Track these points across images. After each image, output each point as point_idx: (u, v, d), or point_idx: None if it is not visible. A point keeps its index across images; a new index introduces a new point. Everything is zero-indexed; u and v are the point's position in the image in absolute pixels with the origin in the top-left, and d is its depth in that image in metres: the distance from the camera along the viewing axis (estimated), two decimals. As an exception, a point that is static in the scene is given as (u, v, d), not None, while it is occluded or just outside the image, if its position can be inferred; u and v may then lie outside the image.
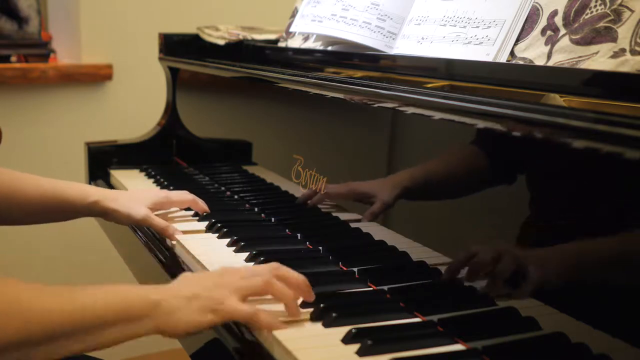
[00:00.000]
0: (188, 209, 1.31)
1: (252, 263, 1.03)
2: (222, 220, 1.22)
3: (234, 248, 1.11)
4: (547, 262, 0.77)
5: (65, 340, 0.76)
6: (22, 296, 0.76)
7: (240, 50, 1.65)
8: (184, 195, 1.28)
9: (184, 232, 1.19)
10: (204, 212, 1.28)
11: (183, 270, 1.07)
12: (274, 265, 0.87)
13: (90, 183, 1.77)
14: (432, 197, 0.98)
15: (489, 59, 1.02)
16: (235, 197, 1.44)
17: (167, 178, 1.57)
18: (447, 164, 0.95)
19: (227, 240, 1.14)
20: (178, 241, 1.15)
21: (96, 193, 1.21)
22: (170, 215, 1.29)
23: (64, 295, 0.78)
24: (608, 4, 0.89)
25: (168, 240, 1.20)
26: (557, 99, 0.83)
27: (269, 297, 0.86)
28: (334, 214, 1.15)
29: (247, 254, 1.06)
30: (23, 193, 1.16)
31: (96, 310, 0.78)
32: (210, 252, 1.09)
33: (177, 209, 1.31)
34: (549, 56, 0.95)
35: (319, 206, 1.19)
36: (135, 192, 1.28)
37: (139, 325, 0.79)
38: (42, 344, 0.75)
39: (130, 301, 0.80)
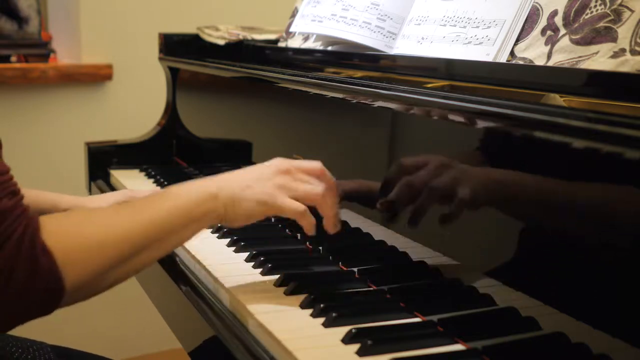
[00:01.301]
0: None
1: (252, 263, 1.03)
2: (222, 220, 1.22)
3: (234, 248, 1.11)
4: (546, 261, 0.77)
5: (151, 249, 0.85)
6: (109, 222, 0.83)
7: (240, 50, 1.65)
8: (150, 192, 1.31)
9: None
10: None
11: (183, 270, 1.07)
12: (328, 185, 0.96)
13: (90, 183, 1.77)
14: (434, 200, 0.98)
15: (489, 59, 1.02)
16: (235, 197, 1.44)
17: (167, 178, 1.57)
18: (447, 167, 0.95)
19: (227, 240, 1.14)
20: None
21: (66, 201, 1.24)
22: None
23: (141, 210, 0.86)
24: (608, 4, 0.89)
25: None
26: (557, 99, 0.83)
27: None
28: (334, 214, 1.15)
29: (247, 254, 1.06)
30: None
31: (171, 217, 0.86)
32: (210, 252, 1.09)
33: None
34: (549, 56, 0.95)
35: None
36: (101, 196, 1.32)
37: (207, 218, 0.90)
38: (132, 258, 0.83)
39: (196, 200, 0.89)
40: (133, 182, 1.60)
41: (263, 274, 0.99)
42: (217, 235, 1.18)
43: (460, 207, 0.87)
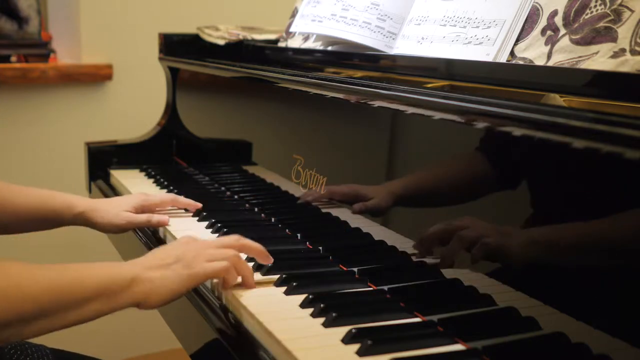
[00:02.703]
0: (187, 210, 1.32)
1: (252, 263, 1.03)
2: (222, 221, 1.22)
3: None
4: (547, 262, 0.77)
5: (53, 316, 0.81)
6: (14, 276, 0.80)
7: (240, 50, 1.65)
8: (163, 196, 1.32)
9: (185, 234, 1.19)
10: (189, 207, 1.31)
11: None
12: (235, 237, 0.98)
13: (90, 183, 1.77)
14: (434, 202, 0.98)
15: (489, 59, 1.02)
16: (235, 197, 1.44)
17: (167, 178, 1.57)
18: (446, 165, 0.95)
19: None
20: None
21: (81, 204, 1.23)
22: (169, 216, 1.29)
23: (52, 274, 0.83)
24: (608, 4, 0.89)
25: (166, 239, 1.21)
26: (557, 99, 0.83)
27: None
28: (334, 214, 1.15)
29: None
30: (11, 203, 1.19)
31: (79, 288, 0.83)
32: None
33: (174, 208, 1.32)
34: (549, 56, 0.95)
35: (319, 206, 1.19)
36: (116, 200, 1.30)
37: (118, 299, 0.86)
38: (33, 320, 0.80)
39: (109, 278, 0.86)
40: (133, 182, 1.60)
41: (263, 274, 0.99)
42: (217, 235, 1.18)
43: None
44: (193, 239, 0.96)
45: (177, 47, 1.82)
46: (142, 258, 0.92)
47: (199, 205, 1.31)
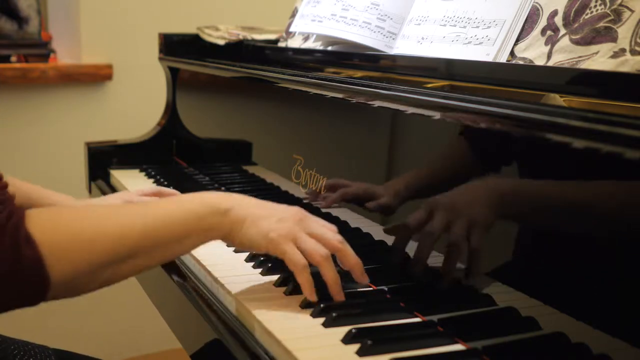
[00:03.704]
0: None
1: (252, 263, 1.03)
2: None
3: (233, 248, 1.10)
4: (547, 262, 0.77)
5: (148, 254, 0.83)
6: (106, 220, 0.81)
7: (240, 50, 1.65)
8: (147, 187, 1.31)
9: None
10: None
11: (182, 270, 1.07)
12: (337, 240, 0.90)
13: (90, 183, 1.77)
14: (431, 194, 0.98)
15: (489, 59, 1.02)
16: (235, 197, 1.44)
17: (167, 178, 1.57)
18: (445, 165, 0.95)
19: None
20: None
21: (66, 201, 1.22)
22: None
23: (141, 212, 0.84)
24: (608, 4, 0.89)
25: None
26: (557, 99, 0.83)
27: None
28: (334, 214, 1.15)
29: (247, 253, 1.06)
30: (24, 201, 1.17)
31: (174, 225, 0.85)
32: (210, 252, 1.09)
33: None
34: (549, 56, 0.95)
35: (319, 206, 1.19)
36: (104, 199, 1.29)
37: (210, 233, 0.88)
38: (126, 260, 0.81)
39: (203, 213, 0.86)
40: (133, 182, 1.60)
41: (263, 274, 0.99)
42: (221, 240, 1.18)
43: (465, 222, 0.87)
44: (304, 214, 0.92)
45: (177, 47, 1.82)
46: (248, 198, 0.92)
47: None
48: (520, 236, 0.81)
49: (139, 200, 1.22)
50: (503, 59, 1.01)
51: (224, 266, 1.02)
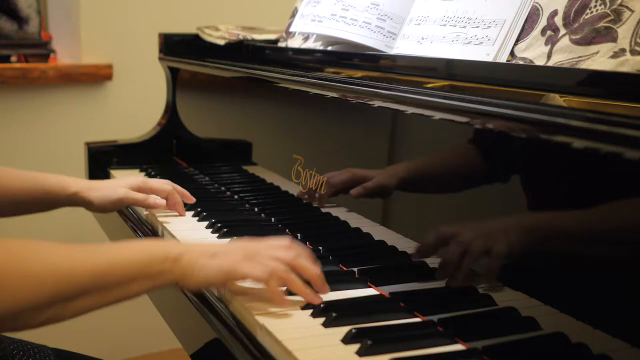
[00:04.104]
0: (188, 209, 1.32)
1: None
2: (222, 220, 1.22)
3: (234, 248, 1.10)
4: (547, 262, 0.77)
5: (94, 295, 0.82)
6: (57, 257, 0.80)
7: (240, 50, 1.65)
8: (164, 185, 1.30)
9: (184, 234, 1.19)
10: (184, 196, 1.31)
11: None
12: (293, 252, 0.90)
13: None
14: (430, 193, 0.98)
15: (489, 59, 1.02)
16: (235, 197, 1.44)
17: (167, 178, 1.57)
18: (447, 163, 0.95)
19: (227, 240, 1.14)
20: (178, 241, 1.15)
21: (75, 184, 1.22)
22: (168, 215, 1.29)
23: (92, 253, 0.83)
24: (608, 4, 0.89)
25: (165, 238, 1.21)
26: (557, 99, 0.83)
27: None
28: (334, 214, 1.15)
29: (247, 254, 1.06)
30: (5, 186, 1.18)
31: (123, 266, 0.83)
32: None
33: (172, 210, 1.32)
34: (549, 56, 0.95)
35: (319, 206, 1.19)
36: (114, 181, 1.29)
37: (159, 279, 0.86)
38: (72, 300, 0.80)
39: (152, 258, 0.85)
40: (133, 182, 1.60)
41: (263, 274, 0.99)
42: (217, 235, 1.18)
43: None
44: (252, 243, 0.92)
45: (177, 47, 1.82)
46: (197, 243, 0.92)
47: (193, 199, 1.32)
48: (520, 236, 0.81)
49: (130, 195, 1.23)
50: (503, 59, 1.01)
51: (224, 266, 1.02)
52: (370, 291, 0.94)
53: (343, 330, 0.79)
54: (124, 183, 1.25)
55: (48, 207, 1.24)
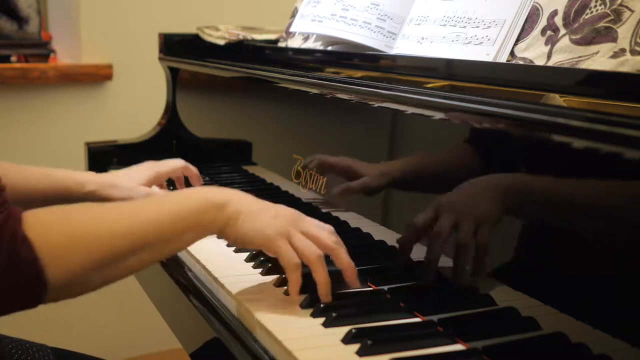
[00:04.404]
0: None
1: (252, 263, 1.03)
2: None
3: (234, 248, 1.10)
4: (546, 262, 0.77)
5: (144, 253, 0.82)
6: (108, 217, 0.81)
7: (240, 50, 1.65)
8: (175, 163, 1.32)
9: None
10: (195, 177, 1.34)
11: (183, 270, 1.07)
12: (334, 243, 0.90)
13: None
14: (429, 193, 0.98)
15: (489, 59, 1.02)
16: (235, 197, 1.44)
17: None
18: (446, 163, 0.95)
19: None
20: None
21: (92, 181, 1.22)
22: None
23: (144, 209, 0.84)
24: (608, 4, 0.89)
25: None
26: (557, 99, 0.83)
27: None
28: (334, 214, 1.15)
29: (247, 254, 1.06)
30: (19, 183, 1.17)
31: (173, 222, 0.84)
32: (210, 252, 1.09)
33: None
34: (549, 56, 0.95)
35: (319, 206, 1.19)
36: (128, 175, 1.28)
37: (209, 227, 0.87)
38: (126, 258, 0.80)
39: (202, 207, 0.86)
40: (133, 182, 1.60)
41: (263, 274, 0.99)
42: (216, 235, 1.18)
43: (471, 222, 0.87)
44: (299, 214, 0.92)
45: (177, 47, 1.82)
46: (243, 193, 0.92)
47: (201, 182, 1.35)
48: (520, 236, 0.81)
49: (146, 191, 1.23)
50: (503, 59, 1.01)
51: (224, 266, 1.02)
52: (370, 291, 0.94)
53: (343, 330, 0.79)
54: (140, 180, 1.25)
55: (64, 203, 1.23)
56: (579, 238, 0.74)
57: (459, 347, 0.77)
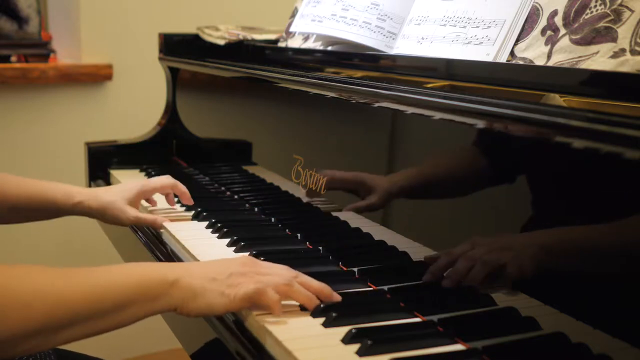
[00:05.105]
0: (187, 209, 1.32)
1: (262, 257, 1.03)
2: (222, 220, 1.22)
3: (234, 248, 1.11)
4: (547, 262, 0.77)
5: (87, 322, 0.78)
6: (45, 282, 0.77)
7: (240, 50, 1.65)
8: (164, 180, 1.31)
9: (185, 234, 1.19)
10: (183, 197, 1.31)
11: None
12: (294, 273, 0.88)
13: (90, 183, 1.77)
14: (432, 197, 0.98)
15: (489, 59, 1.02)
16: (235, 197, 1.44)
17: (167, 177, 1.57)
18: (448, 166, 0.95)
19: (227, 240, 1.14)
20: (178, 241, 1.15)
21: (80, 194, 1.23)
22: (169, 214, 1.29)
23: (84, 278, 0.80)
24: (608, 4, 0.89)
25: (165, 238, 1.21)
26: (557, 99, 0.83)
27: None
28: (334, 214, 1.15)
29: (247, 254, 1.06)
30: (6, 193, 1.18)
31: (116, 292, 0.80)
32: (211, 252, 1.09)
33: (172, 207, 1.33)
34: (549, 56, 0.95)
35: (319, 206, 1.19)
36: (118, 190, 1.28)
37: (156, 303, 0.82)
38: (64, 328, 0.77)
39: (148, 281, 0.82)
40: (133, 182, 1.60)
41: (263, 274, 0.99)
42: (217, 235, 1.18)
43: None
44: (251, 259, 0.90)
45: (177, 47, 1.82)
46: (190, 263, 0.89)
47: (191, 201, 1.32)
48: (519, 236, 0.81)
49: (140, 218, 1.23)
50: (503, 59, 1.01)
51: (224, 266, 1.02)
52: (370, 291, 0.94)
53: (343, 330, 0.79)
54: (128, 195, 1.25)
55: (50, 215, 1.24)
56: (579, 238, 0.74)
57: (459, 347, 0.78)
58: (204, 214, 1.28)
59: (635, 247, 0.67)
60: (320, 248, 1.09)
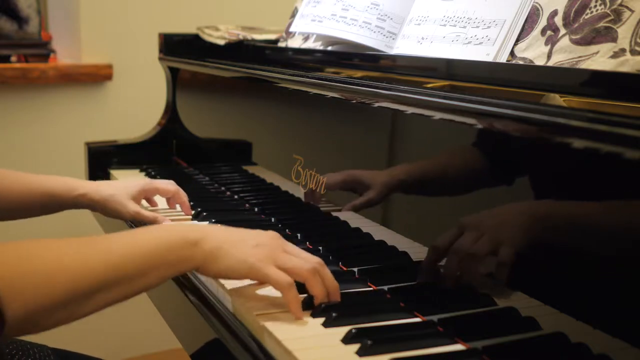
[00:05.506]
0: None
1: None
2: (221, 221, 1.22)
3: (234, 248, 1.10)
4: (546, 261, 0.77)
5: (111, 290, 0.78)
6: (67, 252, 0.77)
7: (240, 50, 1.65)
8: (168, 185, 1.30)
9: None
10: (182, 206, 1.30)
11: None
12: (321, 261, 0.88)
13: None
14: (430, 194, 0.98)
15: (489, 59, 1.02)
16: (235, 197, 1.44)
17: (167, 178, 1.57)
18: (447, 164, 0.95)
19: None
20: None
21: (82, 186, 1.22)
22: (171, 215, 1.29)
23: (106, 245, 0.80)
24: (608, 4, 0.89)
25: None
26: (557, 99, 0.83)
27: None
28: (334, 214, 1.15)
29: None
30: (6, 189, 1.18)
31: (140, 257, 0.80)
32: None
33: (173, 208, 1.33)
34: (549, 56, 0.95)
35: (319, 206, 1.19)
36: (120, 184, 1.28)
37: (180, 265, 0.83)
38: (89, 298, 0.77)
39: (171, 243, 0.83)
40: (133, 182, 1.60)
41: (263, 274, 0.99)
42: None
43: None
44: (280, 237, 0.90)
45: (177, 47, 1.82)
46: (215, 226, 0.89)
47: (191, 212, 1.30)
48: (520, 236, 0.81)
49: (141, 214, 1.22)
50: (503, 59, 1.01)
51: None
52: (370, 291, 0.94)
53: (343, 330, 0.79)
54: (131, 191, 1.24)
55: (52, 210, 1.24)
56: (579, 238, 0.74)
57: (459, 347, 0.78)
58: (204, 214, 1.28)
59: (636, 247, 0.67)
60: (320, 248, 1.09)
